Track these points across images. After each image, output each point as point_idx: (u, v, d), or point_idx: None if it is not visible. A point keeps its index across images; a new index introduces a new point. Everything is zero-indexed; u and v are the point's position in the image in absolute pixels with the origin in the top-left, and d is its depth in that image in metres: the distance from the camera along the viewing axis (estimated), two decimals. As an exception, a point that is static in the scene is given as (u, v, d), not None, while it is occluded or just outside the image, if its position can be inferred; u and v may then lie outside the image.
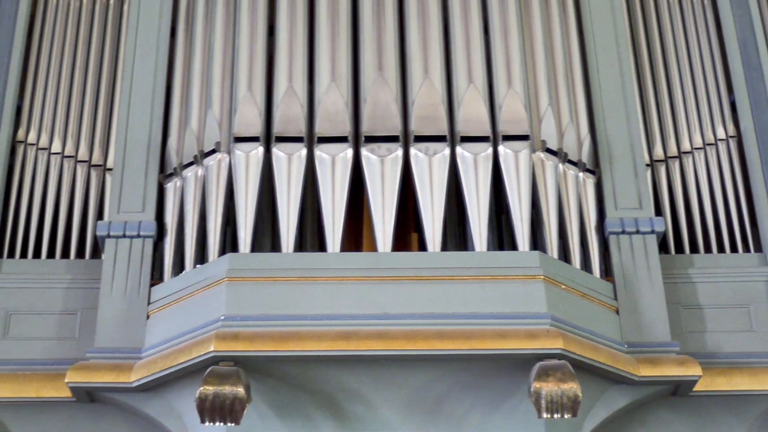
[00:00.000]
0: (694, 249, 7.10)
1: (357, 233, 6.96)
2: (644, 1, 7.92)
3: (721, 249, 7.08)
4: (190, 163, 6.80)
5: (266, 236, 6.93)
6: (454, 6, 7.16)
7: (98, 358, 6.31)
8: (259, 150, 6.63)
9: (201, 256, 6.60)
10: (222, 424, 5.68)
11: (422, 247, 6.53)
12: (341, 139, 6.63)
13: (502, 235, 7.08)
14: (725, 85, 7.57)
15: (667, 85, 7.58)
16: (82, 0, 7.82)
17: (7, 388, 6.46)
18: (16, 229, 7.02)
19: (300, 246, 6.72)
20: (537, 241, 6.64)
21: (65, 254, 6.98)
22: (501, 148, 6.63)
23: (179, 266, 6.64)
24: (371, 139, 6.63)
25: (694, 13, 7.83)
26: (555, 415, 5.69)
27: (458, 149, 6.61)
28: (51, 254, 6.98)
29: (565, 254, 6.64)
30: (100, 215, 7.07)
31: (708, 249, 7.09)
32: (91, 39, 7.68)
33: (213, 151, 6.72)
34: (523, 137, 6.67)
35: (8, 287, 6.78)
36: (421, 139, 6.64)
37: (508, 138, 6.66)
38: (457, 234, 7.10)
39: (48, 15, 7.74)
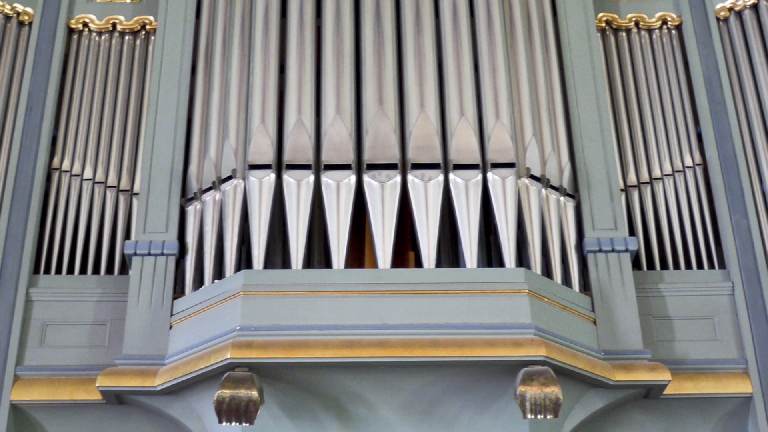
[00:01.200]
0: (664, 266, 7.09)
1: (360, 251, 6.98)
2: (619, 42, 7.89)
3: (688, 266, 7.06)
4: (209, 188, 6.80)
5: (277, 254, 6.94)
6: (447, 46, 7.17)
7: (126, 365, 6.34)
8: (271, 176, 6.64)
9: (219, 272, 6.61)
10: (238, 424, 5.71)
11: (418, 264, 6.55)
12: (345, 167, 6.64)
13: (490, 253, 7.07)
14: (692, 118, 7.55)
15: (639, 118, 7.56)
16: (111, 40, 7.80)
17: (43, 391, 6.48)
18: (51, 248, 7.02)
19: (308, 263, 6.72)
20: (522, 259, 6.65)
21: (96, 270, 6.99)
22: (489, 175, 6.63)
23: (199, 281, 6.65)
24: (372, 167, 6.64)
25: (664, 53, 7.82)
26: (538, 416, 5.71)
27: (451, 176, 6.61)
28: (83, 270, 6.98)
29: (547, 270, 6.65)
30: (127, 235, 7.04)
31: (677, 266, 7.07)
32: (120, 76, 7.67)
33: (229, 178, 6.73)
34: (510, 165, 6.68)
35: (45, 300, 6.78)
36: (417, 166, 6.65)
37: (496, 166, 6.67)
38: (450, 252, 7.10)
39: (80, 54, 7.73)
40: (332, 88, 6.96)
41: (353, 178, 6.62)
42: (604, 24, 7.93)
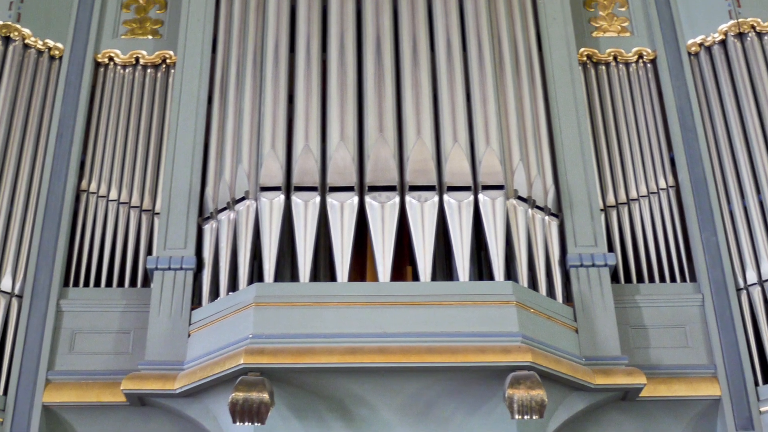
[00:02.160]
0: (640, 279, 7.09)
1: (362, 266, 6.97)
2: (599, 75, 7.90)
3: (662, 279, 7.07)
4: (224, 208, 6.82)
5: (287, 268, 6.94)
6: (441, 79, 7.20)
7: (148, 370, 6.37)
8: (280, 197, 6.67)
9: (233, 285, 6.61)
10: (250, 424, 5.74)
11: (415, 277, 6.56)
12: (348, 189, 6.67)
13: (481, 268, 7.05)
14: (665, 144, 7.57)
15: (617, 144, 7.57)
16: (135, 73, 7.84)
17: (72, 394, 6.52)
18: (80, 263, 7.03)
19: (314, 276, 6.70)
20: (510, 273, 6.65)
21: (121, 283, 7.01)
22: (480, 196, 6.66)
23: (215, 293, 6.65)
24: (373, 189, 6.66)
25: (640, 84, 7.83)
26: (525, 417, 5.75)
27: (445, 197, 6.64)
28: (109, 283, 7.00)
29: (533, 283, 6.66)
30: (149, 251, 7.05)
31: (651, 279, 7.07)
32: (142, 105, 7.69)
33: (243, 198, 6.76)
34: (499, 187, 6.71)
35: (74, 311, 6.80)
36: (414, 188, 6.68)
37: (486, 188, 6.70)
38: (444, 267, 7.09)
39: (106, 85, 7.75)
40: (337, 116, 6.98)
41: (356, 199, 6.64)
42: (585, 58, 7.97)
